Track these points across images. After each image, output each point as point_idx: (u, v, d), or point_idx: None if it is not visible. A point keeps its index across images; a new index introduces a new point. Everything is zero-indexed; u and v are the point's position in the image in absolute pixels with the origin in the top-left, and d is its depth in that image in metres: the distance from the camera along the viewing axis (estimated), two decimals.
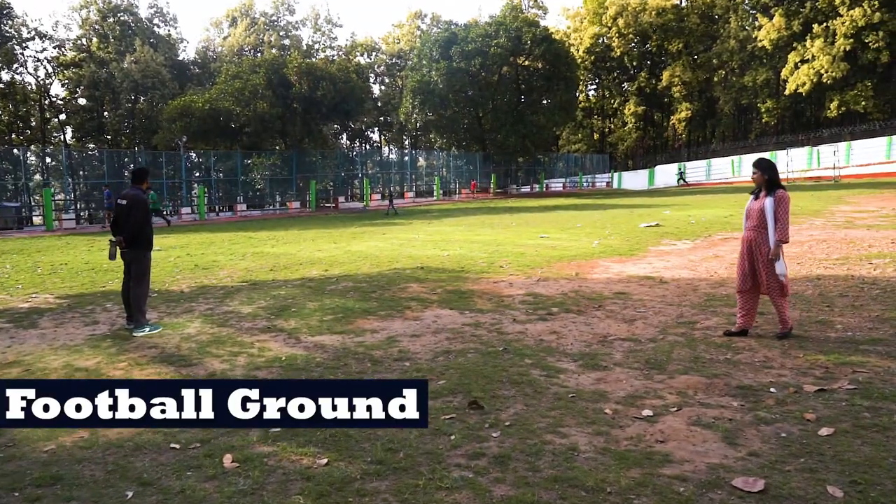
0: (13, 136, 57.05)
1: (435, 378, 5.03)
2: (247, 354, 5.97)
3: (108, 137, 59.23)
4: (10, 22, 47.74)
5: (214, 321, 7.41)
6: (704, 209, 22.54)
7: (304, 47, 63.24)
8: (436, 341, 6.21)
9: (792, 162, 43.29)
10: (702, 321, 6.63)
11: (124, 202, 6.89)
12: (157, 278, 11.03)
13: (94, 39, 57.27)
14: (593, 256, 11.79)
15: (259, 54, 51.31)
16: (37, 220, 34.12)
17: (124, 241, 6.84)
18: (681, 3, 62.67)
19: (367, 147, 69.91)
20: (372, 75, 67.69)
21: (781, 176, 6.24)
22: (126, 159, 45.66)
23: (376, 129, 71.81)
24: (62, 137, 59.51)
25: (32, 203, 42.43)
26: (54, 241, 19.91)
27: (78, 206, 44.51)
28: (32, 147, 52.84)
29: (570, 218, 22.00)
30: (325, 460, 3.60)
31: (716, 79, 62.52)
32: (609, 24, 62.56)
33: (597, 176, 60.53)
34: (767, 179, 5.86)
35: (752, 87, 55.72)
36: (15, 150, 44.00)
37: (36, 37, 53.82)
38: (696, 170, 54.59)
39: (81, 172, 48.24)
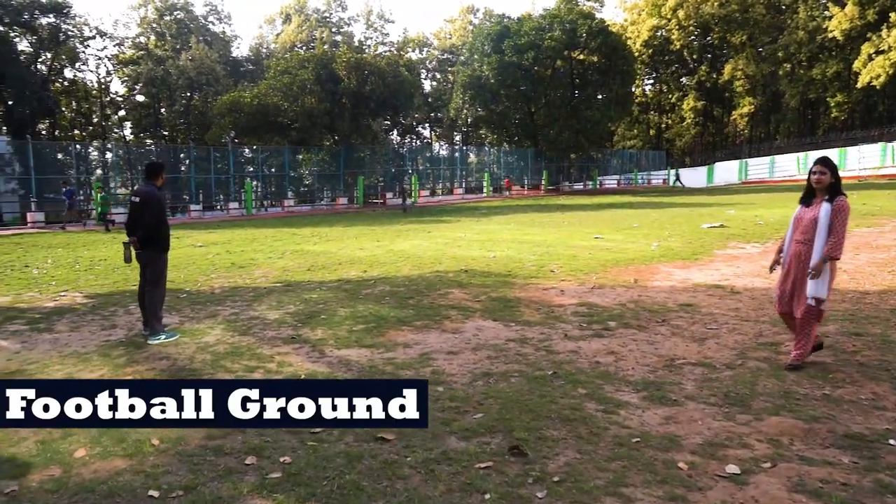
0: (76, 131, 58.87)
1: (471, 410, 4.27)
2: (264, 370, 5.34)
3: (165, 133, 60.51)
4: (71, 21, 49.02)
5: (237, 328, 6.83)
6: (771, 209, 21.08)
7: (356, 43, 63.20)
8: (475, 360, 5.45)
9: (864, 159, 40.77)
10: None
11: (137, 199, 6.36)
12: (191, 277, 10.62)
13: (152, 37, 58.49)
14: (653, 261, 10.81)
15: (312, 51, 51.34)
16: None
17: (138, 241, 6.31)
18: None
19: (417, 143, 69.49)
20: (423, 71, 67.18)
21: (852, 174, 5.17)
22: (182, 154, 46.46)
23: (427, 124, 71.32)
24: (122, 133, 61.08)
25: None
26: (102, 236, 19.96)
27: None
28: (95, 143, 54.37)
29: (625, 217, 20.86)
30: None
31: (781, 72, 59.48)
32: (668, 16, 60.23)
33: (652, 173, 58.47)
34: (832, 183, 4.84)
35: (820, 80, 52.80)
36: (78, 146, 45.17)
37: (97, 35, 55.30)
38: (759, 167, 52.14)
39: (140, 167, 49.16)
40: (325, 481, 3.30)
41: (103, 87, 58.31)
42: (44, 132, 54.47)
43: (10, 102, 41.18)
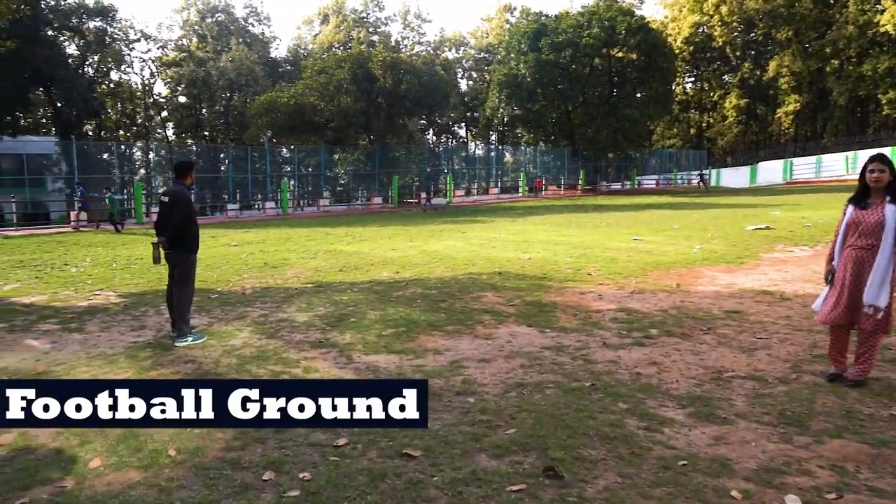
0: (120, 132, 60.28)
1: (503, 425, 4.01)
2: (289, 375, 5.17)
3: (206, 134, 61.58)
4: (117, 25, 50.14)
5: (265, 331, 6.69)
6: (819, 210, 20.27)
7: (393, 43, 63.27)
8: (508, 369, 5.19)
9: None
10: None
11: (166, 199, 6.26)
12: (223, 277, 10.58)
13: (194, 39, 59.51)
14: (696, 264, 10.37)
15: (348, 51, 51.63)
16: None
17: (167, 241, 6.21)
18: None
19: (453, 143, 69.31)
20: (459, 70, 66.91)
21: None
22: (221, 154, 47.13)
23: (463, 124, 71.10)
24: (164, 134, 62.31)
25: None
26: (139, 237, 20.23)
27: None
28: (138, 143, 55.57)
29: (665, 218, 20.30)
30: None
31: (829, 69, 57.54)
32: (711, 12, 58.80)
33: (692, 173, 57.20)
34: (891, 182, 4.43)
35: (871, 76, 50.84)
36: (122, 146, 46.19)
37: (142, 38, 56.51)
38: (805, 167, 50.56)
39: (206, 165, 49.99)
40: (345, 502, 3.09)
41: (147, 88, 59.60)
42: (90, 133, 55.98)
43: (58, 104, 42.28)
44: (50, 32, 42.02)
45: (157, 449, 3.72)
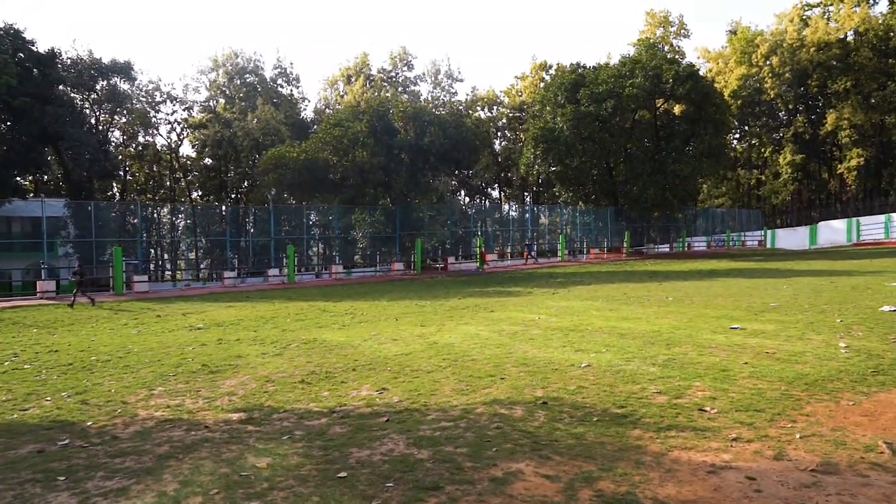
0: (147, 195, 58.56)
1: None
2: None
3: (232, 196, 59.49)
4: (139, 84, 48.95)
5: None
6: None
7: (423, 102, 61.06)
8: None
9: None
10: None
11: None
12: (125, 389, 6.96)
13: (221, 101, 58.15)
14: (867, 382, 6.30)
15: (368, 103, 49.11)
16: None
17: None
18: (846, 36, 54.42)
19: (487, 203, 66.01)
20: (492, 129, 64.14)
21: None
22: (248, 217, 44.52)
23: (496, 185, 67.98)
24: (191, 196, 60.34)
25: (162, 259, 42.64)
26: (101, 312, 16.83)
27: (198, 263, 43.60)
28: (167, 205, 53.56)
29: (746, 290, 16.12)
30: None
31: (889, 122, 53.27)
32: (760, 64, 55.37)
33: (745, 234, 52.63)
34: None
35: None
36: (149, 208, 44.05)
37: (167, 100, 55.26)
38: (872, 226, 45.90)
39: (210, 227, 47.63)
40: None
41: (173, 150, 58.02)
42: (117, 195, 54.36)
43: (68, 165, 40.44)
44: (67, 91, 40.59)
45: None
